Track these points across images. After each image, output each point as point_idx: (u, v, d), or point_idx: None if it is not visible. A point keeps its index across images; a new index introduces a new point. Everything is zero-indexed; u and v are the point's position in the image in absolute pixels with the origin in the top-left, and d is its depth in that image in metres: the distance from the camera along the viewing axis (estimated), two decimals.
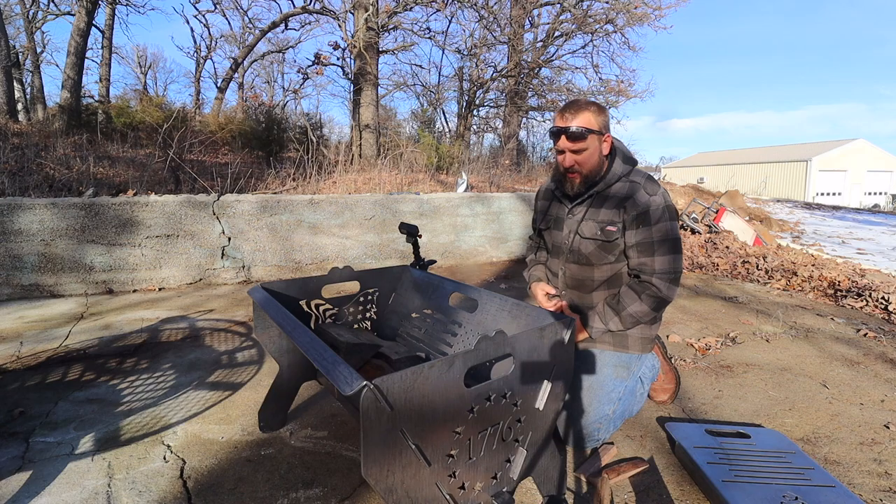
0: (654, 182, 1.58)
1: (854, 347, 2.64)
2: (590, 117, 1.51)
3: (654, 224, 1.51)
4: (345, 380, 0.90)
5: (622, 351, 1.63)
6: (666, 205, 1.54)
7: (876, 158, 33.23)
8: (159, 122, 7.46)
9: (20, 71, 12.08)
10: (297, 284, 1.67)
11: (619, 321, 1.55)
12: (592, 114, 1.52)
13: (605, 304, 1.59)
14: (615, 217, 1.57)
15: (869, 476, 1.51)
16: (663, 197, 1.55)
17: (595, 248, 1.60)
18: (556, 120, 1.57)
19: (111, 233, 3.66)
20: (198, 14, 14.63)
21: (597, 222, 1.59)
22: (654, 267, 1.52)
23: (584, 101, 1.55)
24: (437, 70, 15.63)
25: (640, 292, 1.53)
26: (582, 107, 1.53)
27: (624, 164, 1.60)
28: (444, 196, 5.00)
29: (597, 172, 1.59)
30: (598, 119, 1.52)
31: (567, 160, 1.56)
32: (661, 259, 1.51)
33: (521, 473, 1.18)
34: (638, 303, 1.53)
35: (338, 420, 1.80)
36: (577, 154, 1.54)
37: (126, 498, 1.37)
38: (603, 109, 1.55)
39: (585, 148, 1.53)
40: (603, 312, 1.58)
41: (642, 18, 10.38)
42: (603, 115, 1.54)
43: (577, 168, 1.57)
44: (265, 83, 23.21)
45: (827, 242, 8.18)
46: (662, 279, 1.51)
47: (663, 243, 1.51)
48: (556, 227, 1.74)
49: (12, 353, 2.42)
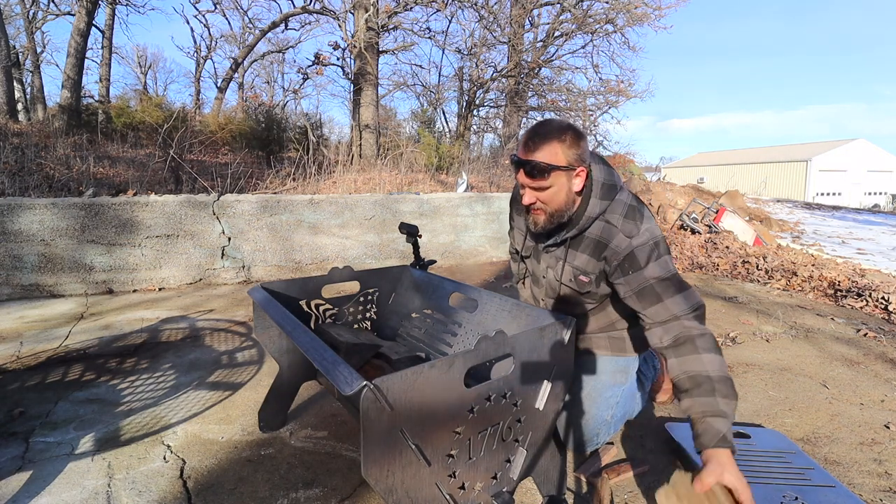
0: (634, 215, 1.32)
1: (854, 347, 2.64)
2: (557, 150, 1.23)
3: (644, 267, 1.27)
4: (345, 380, 0.90)
5: (619, 355, 1.58)
6: (653, 241, 1.28)
7: (876, 158, 33.25)
8: (159, 122, 7.46)
9: (20, 71, 12.08)
10: (297, 284, 1.67)
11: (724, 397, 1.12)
12: (562, 145, 1.24)
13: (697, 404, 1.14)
14: (589, 266, 1.38)
15: (869, 476, 1.51)
16: (648, 232, 1.29)
17: (571, 293, 1.46)
18: (520, 143, 1.29)
19: (111, 233, 3.66)
20: (198, 14, 14.63)
21: (573, 268, 1.41)
22: (672, 311, 1.24)
23: (556, 127, 1.26)
24: (437, 70, 15.63)
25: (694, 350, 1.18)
26: (550, 135, 1.24)
27: (602, 199, 1.33)
28: (444, 196, 5.00)
29: (564, 210, 1.32)
30: (568, 152, 1.24)
31: (527, 198, 1.31)
32: (673, 300, 1.24)
33: (521, 473, 1.18)
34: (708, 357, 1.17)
35: (338, 420, 1.80)
36: (540, 192, 1.29)
37: (126, 498, 1.37)
38: (579, 137, 1.26)
39: (548, 186, 1.26)
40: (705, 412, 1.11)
41: (642, 18, 10.37)
42: (577, 145, 1.25)
43: (541, 206, 1.32)
44: (265, 83, 23.21)
45: (827, 242, 8.18)
46: (689, 318, 1.22)
47: (664, 282, 1.26)
48: (535, 258, 1.56)
49: (12, 353, 2.42)
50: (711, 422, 1.09)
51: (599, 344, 1.59)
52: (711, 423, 1.09)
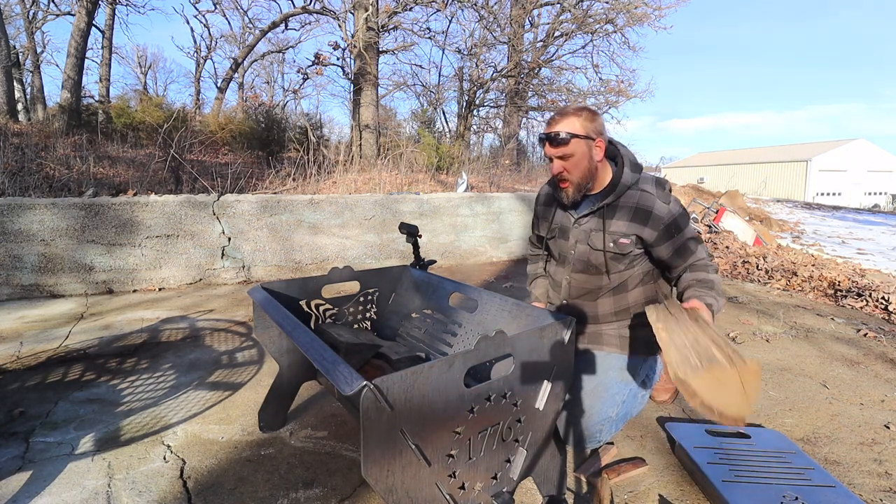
0: (665, 187, 1.57)
1: (854, 347, 2.64)
2: (575, 122, 1.48)
3: (685, 229, 1.54)
4: (345, 380, 0.90)
5: (628, 354, 1.62)
6: (684, 209, 1.57)
7: (876, 158, 33.24)
8: (159, 122, 7.46)
9: (20, 71, 12.08)
10: (297, 284, 1.67)
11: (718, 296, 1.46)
12: (579, 119, 1.48)
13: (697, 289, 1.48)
14: (628, 229, 1.54)
15: (869, 476, 1.51)
16: (678, 203, 1.56)
17: (607, 259, 1.58)
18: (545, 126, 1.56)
19: (111, 233, 3.66)
20: (198, 14, 14.64)
21: (609, 233, 1.56)
22: (699, 256, 1.55)
23: (574, 107, 1.52)
24: (437, 70, 15.66)
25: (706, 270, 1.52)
26: (569, 113, 1.50)
27: (633, 172, 1.56)
28: (444, 196, 5.00)
29: (588, 179, 1.54)
30: (585, 124, 1.48)
31: (555, 167, 1.53)
32: (700, 251, 1.56)
33: (521, 473, 1.18)
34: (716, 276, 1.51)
35: (338, 420, 1.80)
36: (564, 160, 1.50)
37: (126, 498, 1.37)
38: (595, 115, 1.51)
39: (571, 154, 1.49)
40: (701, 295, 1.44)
41: (642, 18, 10.38)
42: (594, 120, 1.49)
43: (566, 175, 1.53)
44: (265, 83, 23.23)
45: (827, 242, 8.18)
46: (709, 261, 1.56)
47: (695, 241, 1.56)
48: (562, 237, 1.69)
49: (12, 353, 2.42)
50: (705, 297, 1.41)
51: (611, 341, 1.63)
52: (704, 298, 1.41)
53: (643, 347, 1.62)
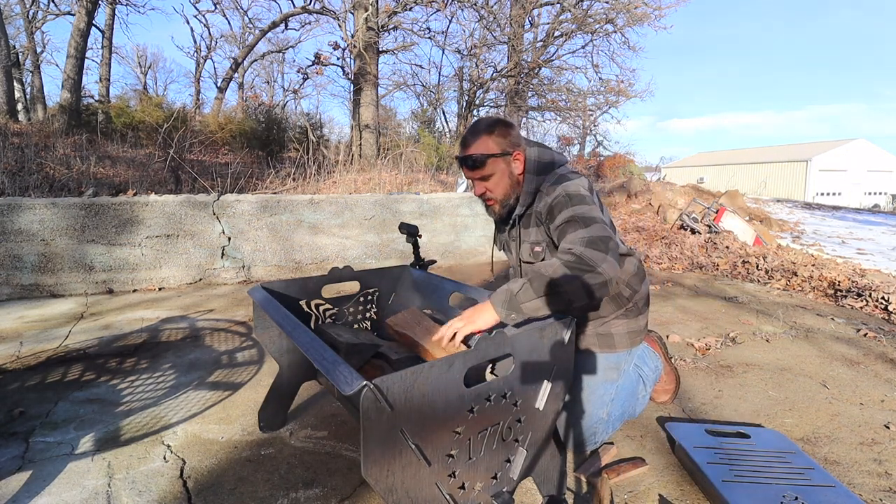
0: (557, 180, 1.43)
1: (854, 347, 2.64)
2: (488, 141, 1.42)
3: (560, 212, 1.35)
4: (345, 380, 0.90)
5: (609, 351, 1.59)
6: (564, 194, 1.37)
7: (876, 158, 33.25)
8: (159, 122, 7.46)
9: (20, 71, 12.09)
10: (297, 284, 1.67)
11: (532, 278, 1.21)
12: (492, 137, 1.43)
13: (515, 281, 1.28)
14: (539, 236, 1.50)
15: (869, 476, 1.51)
16: (562, 188, 1.38)
17: None
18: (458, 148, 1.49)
19: (111, 233, 3.66)
20: (198, 14, 14.65)
21: (529, 243, 1.54)
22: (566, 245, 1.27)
23: (484, 123, 1.45)
24: (437, 70, 15.67)
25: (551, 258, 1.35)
26: (480, 131, 1.44)
27: (537, 175, 1.48)
28: (444, 196, 5.00)
29: (511, 194, 1.50)
30: (499, 140, 1.42)
31: (477, 189, 1.50)
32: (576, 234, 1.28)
33: (521, 473, 1.18)
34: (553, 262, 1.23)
35: (338, 420, 1.80)
36: (485, 181, 1.47)
37: (126, 498, 1.37)
38: (508, 127, 1.45)
39: (491, 174, 1.45)
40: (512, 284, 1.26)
41: (642, 18, 10.38)
42: (508, 134, 1.44)
43: (490, 195, 1.50)
44: (265, 83, 23.24)
45: (827, 242, 8.18)
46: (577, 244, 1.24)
47: (572, 222, 1.31)
48: (508, 250, 1.71)
49: (12, 353, 2.42)
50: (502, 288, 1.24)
51: (589, 341, 1.60)
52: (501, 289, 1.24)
53: (624, 341, 1.58)
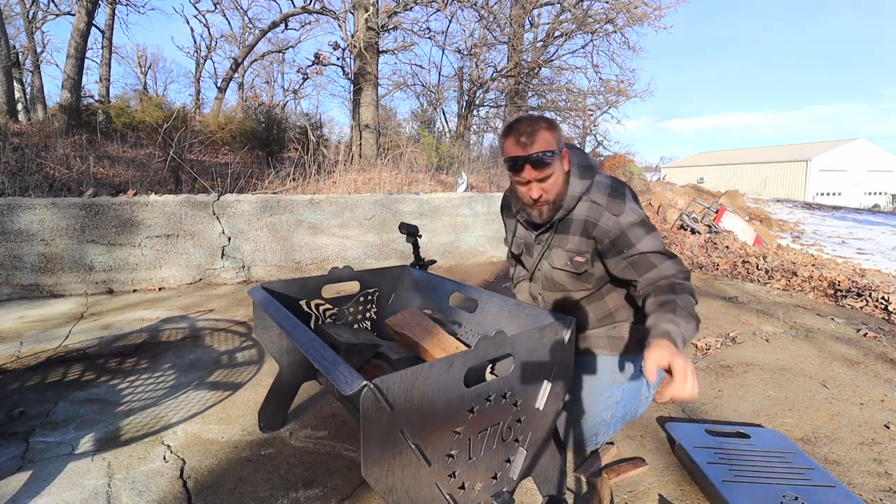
0: (617, 194, 1.40)
1: (854, 347, 2.64)
2: (548, 137, 1.31)
3: (637, 241, 1.35)
4: (345, 380, 0.90)
5: (618, 354, 1.58)
6: (640, 219, 1.37)
7: (876, 158, 33.25)
8: (159, 122, 7.45)
9: (20, 71, 12.08)
10: (297, 284, 1.67)
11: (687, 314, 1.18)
12: (549, 131, 1.32)
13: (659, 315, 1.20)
14: (583, 246, 1.42)
15: (869, 476, 1.51)
16: (634, 212, 1.37)
17: (567, 277, 1.50)
18: (509, 146, 1.34)
19: (111, 233, 3.66)
20: (198, 14, 14.64)
21: (565, 251, 1.46)
22: (664, 272, 1.32)
23: (536, 119, 1.35)
24: (437, 70, 15.61)
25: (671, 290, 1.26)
26: (538, 127, 1.32)
27: (581, 179, 1.41)
28: (444, 196, 5.00)
29: (562, 195, 1.41)
30: (555, 136, 1.33)
31: (534, 191, 1.37)
32: (667, 265, 1.34)
33: (521, 473, 1.18)
34: (684, 296, 1.24)
35: (338, 420, 1.80)
36: (544, 182, 1.36)
37: (126, 498, 1.37)
38: (554, 122, 1.38)
39: (552, 173, 1.35)
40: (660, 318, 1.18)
41: (642, 18, 10.37)
42: (557, 128, 1.37)
43: (545, 197, 1.39)
44: (265, 83, 23.22)
45: (827, 242, 8.18)
46: (679, 278, 1.31)
47: (656, 254, 1.34)
48: (528, 253, 1.62)
49: (12, 353, 2.42)
50: (662, 324, 1.13)
51: (599, 343, 1.59)
52: (662, 325, 1.13)
53: (635, 345, 1.57)
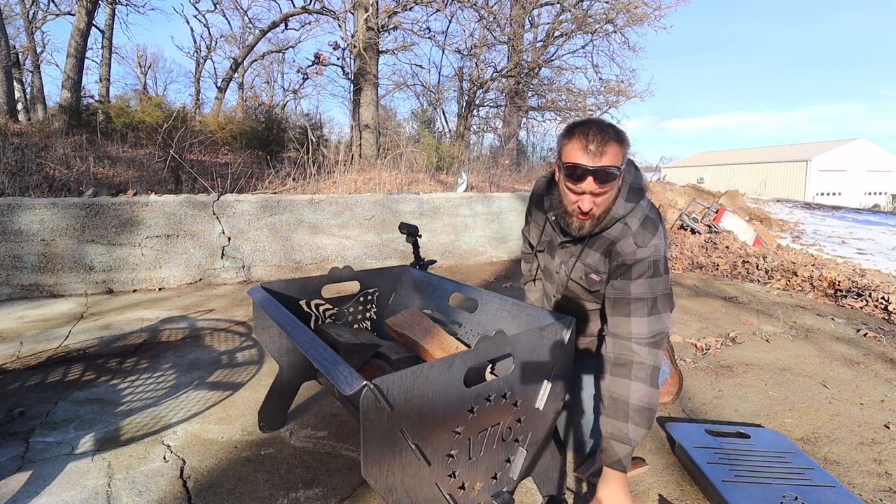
0: (650, 226, 1.30)
1: (854, 347, 2.64)
2: (619, 151, 1.18)
3: (633, 279, 1.27)
4: (345, 380, 0.90)
5: None
6: (653, 258, 1.27)
7: (876, 158, 33.27)
8: (159, 122, 7.45)
9: (20, 71, 12.09)
10: (297, 284, 1.67)
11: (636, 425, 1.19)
12: (621, 146, 1.19)
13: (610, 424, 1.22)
14: (601, 266, 1.36)
15: (869, 476, 1.51)
16: (654, 248, 1.27)
17: (581, 289, 1.46)
18: (573, 150, 1.18)
19: (111, 233, 3.66)
20: (198, 14, 14.64)
21: (584, 265, 1.40)
22: (629, 330, 1.24)
23: (607, 128, 1.19)
24: (437, 70, 15.66)
25: (627, 375, 1.22)
26: (610, 138, 1.17)
27: (627, 201, 1.30)
28: (444, 196, 5.00)
29: (609, 211, 1.30)
30: (623, 150, 1.20)
31: (585, 203, 1.23)
32: (638, 321, 1.24)
33: (521, 473, 1.18)
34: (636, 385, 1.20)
35: (338, 420, 1.80)
36: (598, 197, 1.22)
37: (126, 498, 1.37)
38: (624, 134, 1.22)
39: (609, 189, 1.22)
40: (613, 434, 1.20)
41: (642, 18, 10.37)
42: (627, 141, 1.22)
43: (595, 212, 1.26)
44: (265, 83, 23.22)
45: (827, 242, 8.18)
46: (642, 344, 1.23)
47: (641, 302, 1.25)
48: (549, 253, 1.55)
49: (12, 353, 2.42)
50: (614, 445, 1.19)
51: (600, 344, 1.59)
52: (614, 445, 1.19)
53: None
